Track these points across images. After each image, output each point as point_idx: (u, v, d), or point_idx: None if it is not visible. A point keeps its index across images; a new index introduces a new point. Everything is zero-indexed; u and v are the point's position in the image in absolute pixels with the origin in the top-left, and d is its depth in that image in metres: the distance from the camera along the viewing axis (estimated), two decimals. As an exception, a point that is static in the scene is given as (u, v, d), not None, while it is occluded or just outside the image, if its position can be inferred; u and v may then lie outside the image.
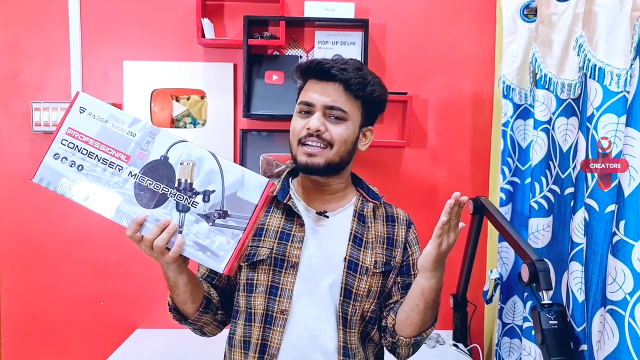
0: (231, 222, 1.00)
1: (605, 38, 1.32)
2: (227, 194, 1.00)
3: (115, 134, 1.00)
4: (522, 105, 1.91)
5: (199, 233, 1.00)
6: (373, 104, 1.20)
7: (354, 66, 1.16)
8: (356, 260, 1.16)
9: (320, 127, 1.13)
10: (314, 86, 1.17)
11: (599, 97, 1.33)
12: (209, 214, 1.00)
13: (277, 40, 2.07)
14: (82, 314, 2.19)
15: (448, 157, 2.22)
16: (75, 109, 1.01)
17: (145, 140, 1.00)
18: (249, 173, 1.00)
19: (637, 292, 1.17)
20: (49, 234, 2.17)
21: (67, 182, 1.00)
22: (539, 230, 1.72)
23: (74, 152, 1.00)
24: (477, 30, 2.18)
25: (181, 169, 1.00)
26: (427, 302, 1.11)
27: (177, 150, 1.00)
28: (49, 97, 2.13)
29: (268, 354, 1.14)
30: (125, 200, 1.00)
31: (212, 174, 1.00)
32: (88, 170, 1.00)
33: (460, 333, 2.12)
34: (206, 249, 1.00)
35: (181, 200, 1.00)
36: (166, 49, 2.16)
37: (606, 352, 1.23)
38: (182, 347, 2.01)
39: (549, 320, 1.43)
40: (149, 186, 1.00)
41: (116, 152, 1.00)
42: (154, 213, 0.99)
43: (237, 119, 2.18)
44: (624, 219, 1.19)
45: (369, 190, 1.27)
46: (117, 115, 1.01)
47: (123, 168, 1.00)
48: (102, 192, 1.00)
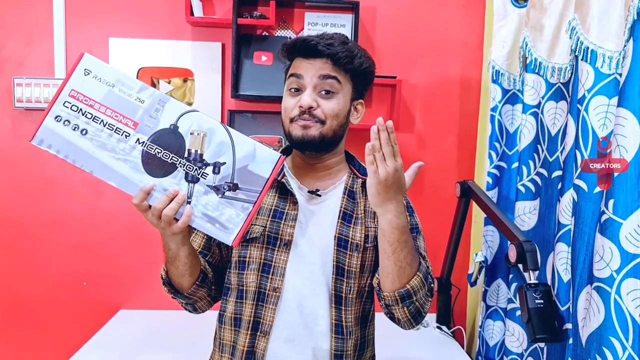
0: (241, 195, 0.99)
1: (598, 20, 1.34)
2: (238, 167, 0.98)
3: (123, 99, 0.96)
4: (511, 91, 1.93)
5: (208, 204, 0.99)
6: (362, 76, 1.20)
7: (339, 40, 1.15)
8: (346, 237, 1.16)
9: (312, 103, 1.12)
10: (302, 63, 1.16)
11: (591, 79, 1.35)
12: (218, 186, 0.98)
13: (267, 20, 2.05)
14: (64, 294, 2.16)
15: (435, 141, 2.24)
16: (80, 70, 0.96)
17: (155, 108, 0.97)
18: (260, 147, 0.99)
19: (624, 269, 1.19)
20: (31, 213, 2.13)
21: (69, 146, 0.96)
22: (526, 213, 1.74)
23: (77, 115, 0.96)
24: (466, 15, 2.19)
25: (191, 139, 0.97)
26: (392, 244, 1.05)
27: (188, 119, 0.98)
28: (32, 73, 2.08)
29: (261, 331, 1.14)
30: (132, 168, 0.97)
31: (223, 145, 0.98)
32: (92, 135, 0.96)
33: (444, 316, 2.15)
34: (215, 221, 0.99)
35: (191, 171, 0.98)
36: (153, 26, 2.12)
37: (591, 329, 1.26)
38: (166, 328, 2.00)
39: (535, 299, 1.46)
40: (157, 155, 0.97)
41: (123, 117, 0.97)
42: (162, 182, 0.97)
43: (225, 99, 2.16)
44: (613, 198, 1.21)
45: (360, 167, 1.27)
46: (125, 80, 0.97)
47: (130, 135, 0.97)
48: (106, 158, 0.97)
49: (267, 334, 1.14)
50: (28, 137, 0.96)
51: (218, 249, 1.23)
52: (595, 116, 1.33)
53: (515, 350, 1.75)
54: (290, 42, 1.18)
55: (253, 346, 1.14)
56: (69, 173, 2.12)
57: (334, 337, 1.14)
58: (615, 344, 1.20)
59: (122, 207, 2.14)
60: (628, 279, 1.19)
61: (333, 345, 1.14)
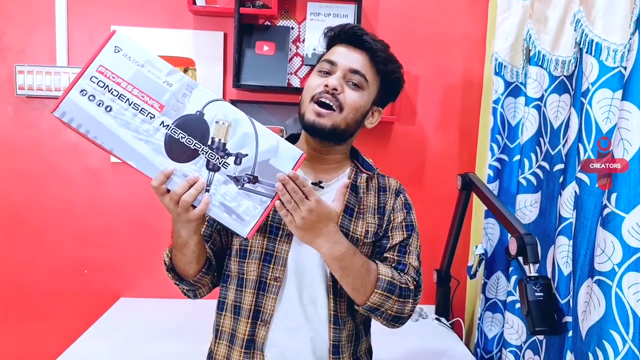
0: (260, 189, 0.98)
1: (603, 13, 1.33)
2: (259, 160, 0.98)
3: (151, 80, 0.96)
4: (513, 83, 1.92)
5: (227, 194, 0.98)
6: (391, 84, 1.21)
7: (382, 43, 1.18)
8: (347, 230, 1.16)
9: (338, 86, 1.12)
10: (341, 49, 1.16)
11: (595, 72, 1.34)
12: (238, 177, 0.98)
13: (269, 9, 2.04)
14: (65, 282, 2.17)
15: (436, 133, 2.23)
16: (110, 47, 0.95)
17: (182, 93, 0.96)
18: (283, 142, 0.98)
19: (626, 262, 1.19)
20: (32, 201, 2.13)
21: (92, 122, 0.95)
22: (527, 206, 1.74)
23: (103, 91, 0.95)
24: (469, 7, 2.18)
25: (216, 128, 0.97)
26: (336, 272, 1.07)
27: (214, 108, 0.97)
28: (33, 60, 2.07)
29: (261, 320, 1.14)
30: (153, 149, 0.96)
31: (247, 137, 0.97)
32: (116, 113, 0.95)
33: (443, 307, 2.16)
34: (232, 211, 0.98)
35: (212, 159, 0.97)
36: (156, 15, 2.11)
37: (592, 322, 1.26)
38: (166, 317, 2.01)
39: (534, 292, 1.46)
40: (180, 139, 0.96)
41: (150, 99, 0.96)
42: (183, 168, 0.97)
43: (227, 89, 2.16)
44: (615, 192, 1.21)
45: (363, 162, 1.27)
46: (155, 61, 0.96)
47: (155, 117, 0.96)
48: (129, 137, 0.96)
49: (267, 323, 1.14)
50: (29, 125, 0.95)
51: (219, 236, 1.23)
52: (599, 109, 1.33)
53: (514, 342, 1.76)
54: (338, 26, 1.18)
55: (253, 334, 1.15)
56: (70, 161, 2.12)
57: (332, 328, 1.15)
58: (616, 337, 1.20)
59: (123, 196, 2.14)
60: (629, 273, 1.19)
61: (332, 335, 1.15)
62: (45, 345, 2.16)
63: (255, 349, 1.14)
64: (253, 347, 1.15)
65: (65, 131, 2.09)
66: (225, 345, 1.19)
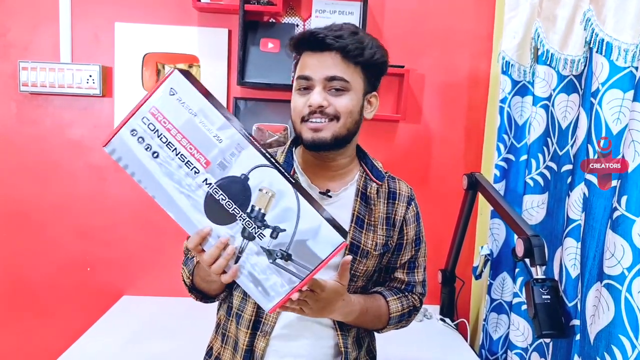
0: (292, 267, 0.93)
1: (614, 12, 1.31)
2: (296, 239, 0.92)
3: (201, 132, 0.90)
4: (521, 82, 1.90)
5: (257, 265, 0.94)
6: (374, 67, 1.13)
7: (349, 31, 1.09)
8: (358, 242, 1.14)
9: (322, 102, 1.06)
10: (310, 58, 1.10)
11: (605, 72, 1.32)
12: (272, 251, 0.93)
13: (274, 6, 2.02)
14: (68, 279, 2.16)
15: (443, 132, 2.21)
16: (166, 88, 0.90)
17: (231, 152, 0.91)
18: (326, 226, 0.93)
19: (636, 266, 1.18)
20: (35, 198, 2.12)
21: (138, 164, 0.92)
22: (534, 207, 1.72)
23: (152, 135, 0.91)
24: (476, 5, 2.15)
25: (259, 196, 0.92)
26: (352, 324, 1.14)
27: (261, 174, 0.91)
28: (37, 57, 2.06)
29: (262, 331, 1.13)
30: (192, 205, 0.92)
31: (289, 212, 0.92)
32: (162, 161, 0.91)
33: (448, 308, 2.14)
34: (259, 284, 0.95)
35: (249, 227, 0.92)
36: (160, 11, 2.09)
37: (600, 326, 1.25)
38: (169, 315, 1.99)
39: (541, 294, 1.44)
40: (220, 201, 0.92)
41: (197, 152, 0.91)
42: (218, 230, 0.93)
43: (231, 86, 2.14)
44: (626, 194, 1.19)
45: (372, 167, 1.22)
46: (208, 112, 0.90)
47: (199, 172, 0.91)
48: (170, 188, 0.92)
49: (267, 334, 1.13)
50: (33, 122, 0.92)
51: None
52: (609, 110, 1.31)
53: (519, 344, 1.74)
54: (297, 36, 1.12)
55: (252, 345, 1.13)
56: (73, 158, 2.11)
57: (341, 335, 1.14)
58: (625, 342, 1.18)
59: (127, 193, 2.13)
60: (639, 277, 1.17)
61: (341, 342, 1.14)
62: (48, 343, 2.16)
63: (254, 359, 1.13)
64: (252, 357, 1.13)
65: (68, 128, 2.08)
66: (229, 351, 1.18)
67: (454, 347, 1.91)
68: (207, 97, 0.91)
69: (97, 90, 2.04)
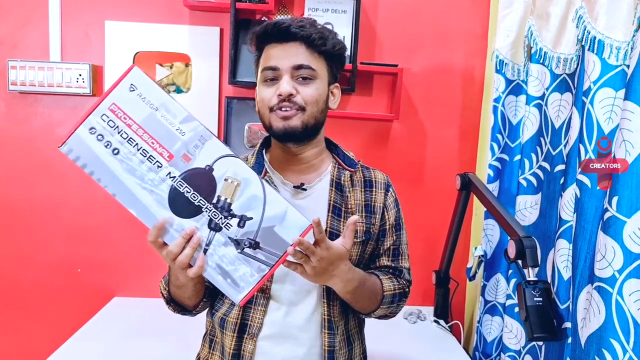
0: (260, 255, 0.93)
1: (606, 9, 1.29)
2: (264, 226, 0.92)
3: (163, 126, 0.90)
4: (515, 81, 1.87)
5: (225, 257, 0.93)
6: (336, 58, 1.16)
7: (310, 22, 1.11)
8: (337, 231, 1.13)
9: (292, 90, 1.06)
10: (275, 49, 1.10)
11: (597, 70, 1.30)
12: (239, 240, 0.92)
13: (266, 5, 1.99)
14: (58, 280, 2.14)
15: (436, 132, 2.19)
16: (125, 84, 0.90)
17: (194, 144, 0.91)
18: (292, 210, 0.93)
19: (627, 269, 1.15)
20: (25, 198, 2.10)
21: (97, 163, 0.90)
22: (527, 208, 1.70)
23: (112, 131, 0.90)
24: (471, 3, 2.13)
25: (224, 186, 0.91)
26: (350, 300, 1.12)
27: (225, 164, 0.91)
28: (26, 55, 2.04)
29: (248, 334, 1.11)
30: (156, 200, 0.91)
31: (255, 200, 0.92)
32: (123, 157, 0.90)
33: (442, 309, 2.12)
34: (227, 275, 0.94)
35: (215, 218, 0.92)
36: (150, 9, 2.07)
37: (591, 329, 1.22)
38: (160, 317, 1.97)
39: (533, 297, 1.42)
40: (185, 193, 0.91)
41: (160, 146, 0.91)
42: (183, 223, 0.92)
43: (223, 85, 2.12)
44: (617, 195, 1.17)
45: (344, 157, 1.23)
46: (170, 105, 0.91)
47: (163, 166, 0.91)
48: (133, 184, 0.91)
49: (254, 336, 1.11)
50: (22, 122, 0.91)
51: None
52: (601, 109, 1.29)
53: (513, 347, 1.72)
54: (261, 28, 1.11)
55: (239, 349, 1.12)
56: (63, 158, 2.06)
57: (327, 333, 1.12)
58: (616, 346, 1.16)
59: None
60: (631, 280, 1.15)
61: (326, 341, 1.12)
62: (37, 344, 2.14)
63: None
64: None
65: (58, 128, 2.06)
66: (218, 357, 1.17)
67: (447, 350, 1.89)
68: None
69: (87, 89, 2.02)
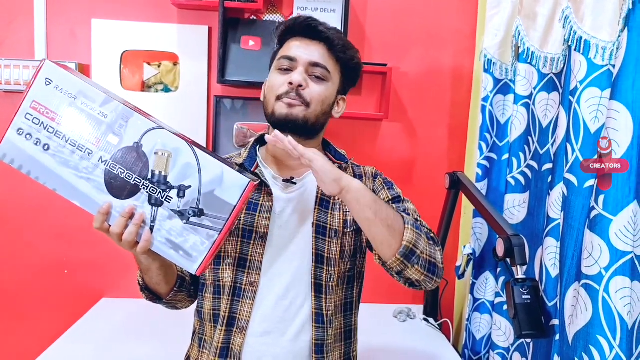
0: (207, 222, 0.93)
1: (592, 9, 1.30)
2: (204, 192, 0.92)
3: (85, 113, 0.90)
4: (503, 81, 1.89)
5: (172, 230, 0.93)
6: (351, 70, 1.20)
7: (337, 30, 1.16)
8: (324, 223, 1.13)
9: (302, 82, 1.09)
10: (296, 43, 1.14)
11: (583, 70, 1.31)
12: (183, 211, 0.92)
13: (255, 3, 1.99)
14: (44, 282, 2.12)
15: (425, 131, 2.20)
16: (41, 80, 0.89)
17: (118, 124, 0.91)
18: (228, 171, 0.93)
19: (613, 266, 1.16)
20: (10, 198, 2.08)
21: (31, 162, 0.91)
22: (515, 207, 1.71)
23: (39, 129, 0.90)
24: (459, 2, 2.14)
25: (155, 160, 0.91)
26: (371, 207, 1.00)
27: (152, 137, 0.91)
28: (11, 54, 2.01)
29: (237, 327, 1.11)
30: (94, 187, 0.91)
31: (189, 168, 0.92)
32: (55, 151, 0.91)
33: (431, 308, 2.13)
34: (179, 247, 0.94)
35: (154, 194, 0.92)
36: (138, 8, 2.06)
37: (578, 326, 1.24)
38: (149, 318, 1.96)
39: (522, 295, 1.43)
40: (120, 174, 0.91)
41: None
42: (124, 204, 0.92)
43: (211, 85, 2.11)
44: (603, 194, 1.18)
45: (335, 153, 1.25)
46: (88, 92, 0.90)
47: (93, 152, 0.91)
48: (69, 176, 0.91)
49: (243, 329, 1.11)
50: (7, 121, 0.90)
51: None
52: (587, 109, 1.30)
53: (501, 344, 1.73)
54: (290, 20, 1.16)
55: (228, 342, 1.11)
56: (50, 158, 2.07)
57: (315, 327, 1.12)
58: (603, 343, 1.17)
59: (105, 194, 2.09)
60: (617, 277, 1.16)
61: (314, 335, 1.12)
62: (24, 346, 2.11)
63: (231, 357, 1.11)
64: (229, 354, 1.11)
65: (45, 127, 2.04)
66: (207, 355, 1.16)
67: (437, 348, 1.90)
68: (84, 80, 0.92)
69: (74, 88, 2.00)
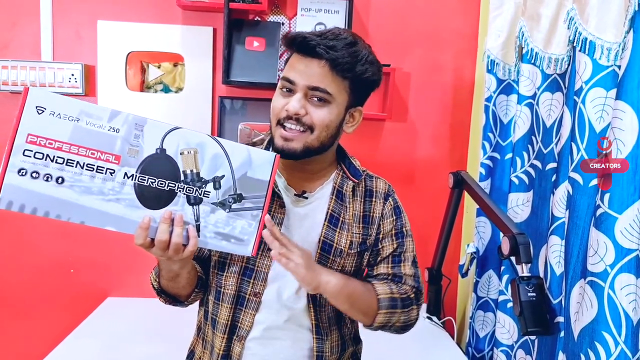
0: (248, 204, 0.94)
1: (597, 11, 1.32)
2: (237, 176, 0.93)
3: (94, 132, 0.85)
4: (506, 81, 1.91)
5: (218, 222, 0.94)
6: (363, 83, 1.08)
7: (345, 42, 1.03)
8: (330, 241, 1.12)
9: (299, 110, 1.02)
10: (298, 62, 1.05)
11: (589, 71, 1.33)
12: (223, 201, 0.93)
13: (259, 5, 2.00)
14: (51, 281, 2.13)
15: (428, 131, 2.21)
16: (30, 109, 0.82)
17: (133, 135, 0.87)
18: (254, 150, 0.94)
19: (618, 263, 1.18)
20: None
21: (46, 201, 0.83)
22: (519, 205, 1.73)
23: (45, 162, 0.83)
24: (462, 3, 2.16)
25: (183, 160, 0.90)
26: (345, 303, 1.07)
27: (173, 139, 0.89)
28: (17, 55, 2.02)
29: (237, 336, 1.11)
30: (127, 206, 0.88)
31: (218, 158, 0.92)
32: (71, 182, 0.84)
33: (434, 306, 2.14)
34: (229, 237, 0.95)
35: (191, 193, 0.91)
36: (143, 9, 2.07)
37: (584, 323, 1.25)
38: (155, 316, 1.97)
39: (527, 292, 1.45)
40: (151, 185, 0.89)
41: (102, 154, 0.86)
42: (164, 213, 0.90)
43: (216, 85, 2.12)
44: (608, 192, 1.20)
45: (350, 165, 1.19)
46: (90, 110, 0.85)
47: (115, 171, 0.86)
48: (96, 203, 0.86)
49: (242, 338, 1.11)
50: (12, 122, 0.83)
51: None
52: (593, 109, 1.32)
53: (505, 342, 1.75)
54: (290, 36, 1.06)
55: (229, 350, 1.12)
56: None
57: (316, 338, 1.13)
58: (608, 338, 1.19)
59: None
60: (622, 274, 1.18)
61: (315, 346, 1.12)
62: (31, 346, 2.13)
63: None
64: None
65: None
66: (208, 356, 1.17)
67: (440, 345, 1.91)
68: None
69: (80, 89, 2.01)
